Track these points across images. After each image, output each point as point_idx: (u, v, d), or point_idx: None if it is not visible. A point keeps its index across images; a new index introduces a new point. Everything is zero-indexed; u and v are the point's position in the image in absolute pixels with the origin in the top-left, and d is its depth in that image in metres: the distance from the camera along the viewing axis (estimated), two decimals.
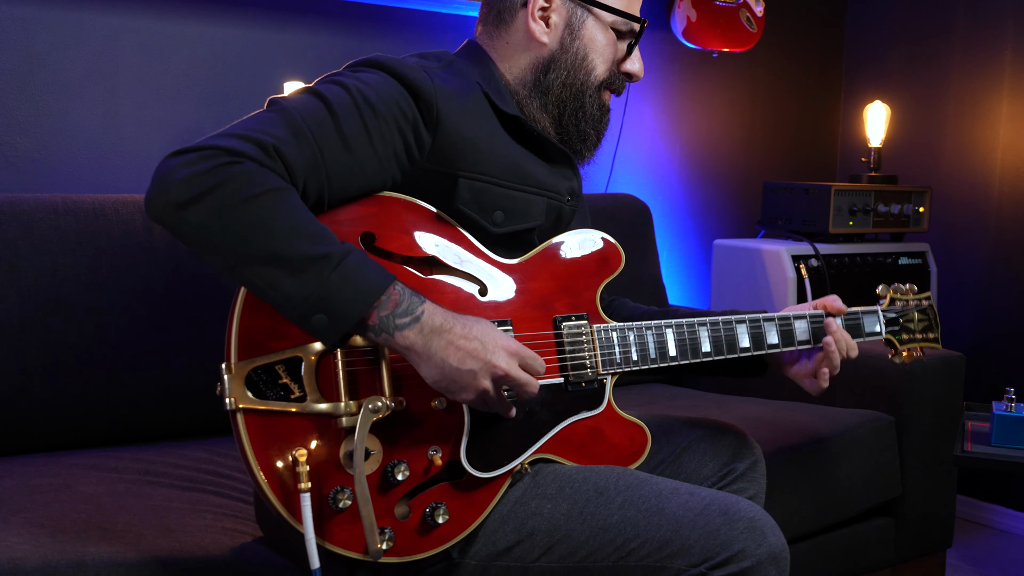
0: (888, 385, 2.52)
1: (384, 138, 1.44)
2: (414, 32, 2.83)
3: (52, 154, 2.35)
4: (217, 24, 2.53)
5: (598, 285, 1.64)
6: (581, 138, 1.67)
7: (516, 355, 1.39)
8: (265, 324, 1.36)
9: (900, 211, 3.31)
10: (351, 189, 1.43)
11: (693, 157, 3.52)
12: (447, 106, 1.49)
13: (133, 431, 2.10)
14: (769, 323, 1.73)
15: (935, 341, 1.90)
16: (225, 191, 1.26)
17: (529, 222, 1.58)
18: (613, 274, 1.65)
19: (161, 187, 1.27)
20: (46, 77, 2.32)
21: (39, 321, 1.99)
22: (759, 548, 1.42)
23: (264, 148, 1.32)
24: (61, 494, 1.72)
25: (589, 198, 2.87)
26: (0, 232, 1.98)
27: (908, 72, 3.68)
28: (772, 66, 3.70)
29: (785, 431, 2.33)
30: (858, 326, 1.81)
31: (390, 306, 1.32)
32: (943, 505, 2.65)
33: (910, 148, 3.66)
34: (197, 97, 2.51)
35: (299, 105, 1.40)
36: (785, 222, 3.28)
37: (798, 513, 2.29)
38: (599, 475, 1.54)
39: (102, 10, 2.37)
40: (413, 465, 1.43)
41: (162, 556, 1.50)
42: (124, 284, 2.07)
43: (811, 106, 3.85)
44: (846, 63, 3.90)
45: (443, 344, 1.34)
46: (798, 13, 3.75)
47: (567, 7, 1.62)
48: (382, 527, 1.40)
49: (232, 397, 1.34)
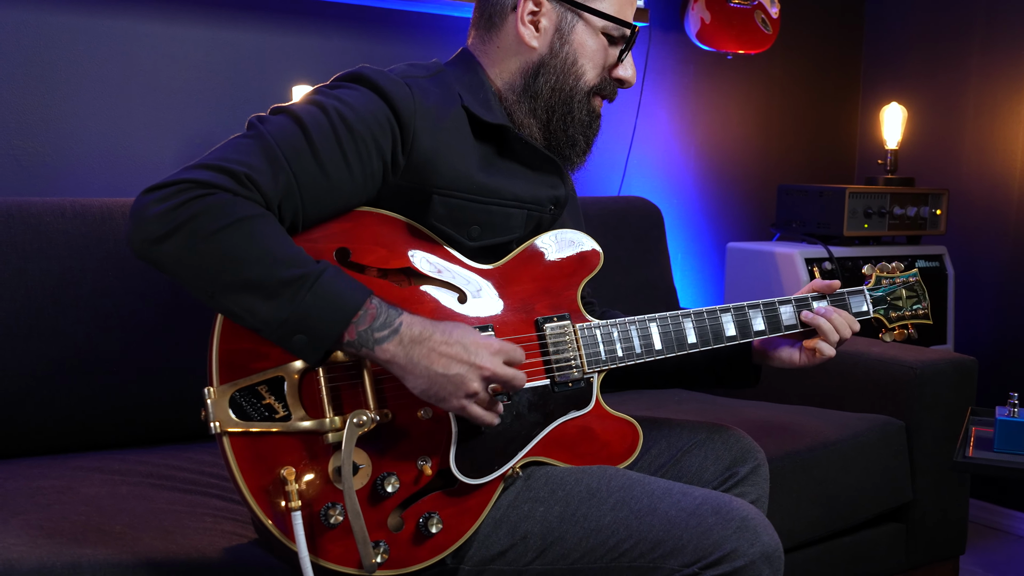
0: (899, 389, 2.49)
1: (360, 159, 1.45)
2: (425, 36, 2.84)
3: (64, 158, 2.38)
4: (228, 28, 2.55)
5: (578, 284, 1.63)
6: (570, 144, 1.66)
7: (499, 352, 1.39)
8: (245, 346, 1.38)
9: (916, 214, 3.28)
10: (326, 210, 1.44)
11: (708, 159, 3.51)
12: (424, 123, 1.49)
13: (139, 434, 2.12)
14: (754, 310, 1.72)
15: (925, 316, 1.88)
16: (197, 223, 1.29)
17: (507, 235, 1.59)
18: (592, 272, 1.65)
19: (137, 224, 1.31)
20: (58, 81, 2.35)
21: (46, 324, 2.01)
22: (752, 547, 1.42)
23: (237, 178, 1.34)
24: (63, 496, 1.74)
25: (599, 201, 2.87)
26: (9, 235, 2.00)
27: (927, 73, 3.65)
28: (789, 68, 3.68)
29: (793, 435, 2.31)
30: (844, 306, 1.80)
31: (368, 320, 1.33)
32: (956, 510, 2.62)
33: (928, 150, 3.64)
34: (208, 101, 2.53)
35: (275, 130, 1.41)
36: (800, 225, 3.27)
37: (805, 518, 2.28)
38: (591, 476, 1.54)
39: (114, 15, 2.40)
40: (403, 476, 1.43)
41: (157, 558, 1.51)
42: (131, 287, 2.09)
43: (829, 108, 3.82)
44: (865, 64, 3.87)
45: (424, 352, 1.35)
46: (815, 15, 3.73)
47: (557, 11, 1.61)
48: (376, 540, 1.41)
49: (217, 421, 1.36)
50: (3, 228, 2.00)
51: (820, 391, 2.62)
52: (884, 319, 1.85)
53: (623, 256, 2.80)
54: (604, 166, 3.23)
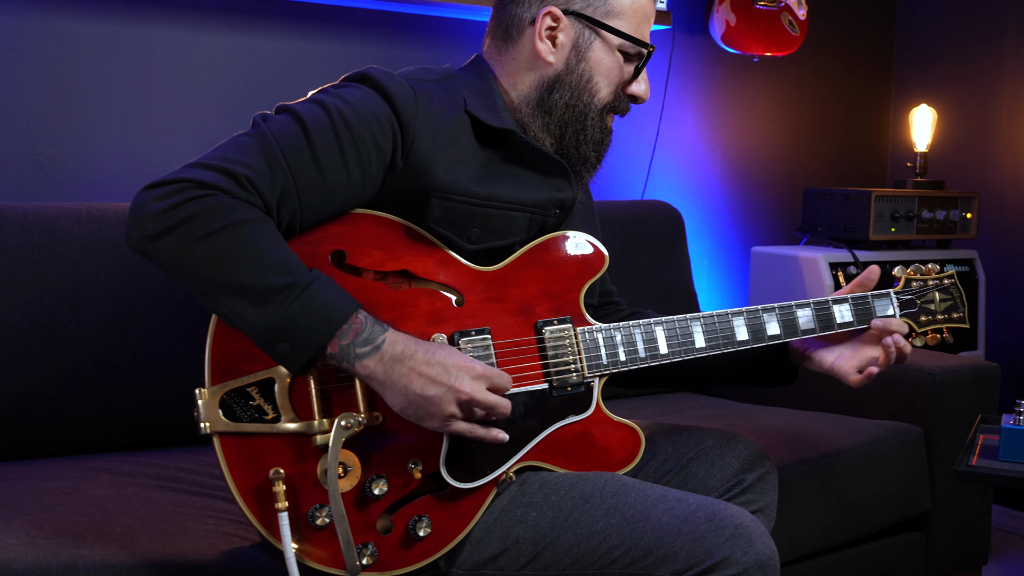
0: (918, 396, 2.46)
1: (360, 160, 1.46)
2: (446, 41, 2.85)
3: (85, 163, 2.41)
4: (248, 34, 2.57)
5: (581, 287, 1.62)
6: (581, 160, 1.65)
7: (481, 377, 1.40)
8: (238, 348, 1.39)
9: (946, 217, 3.23)
10: (324, 211, 1.45)
11: (735, 163, 3.48)
12: (424, 126, 1.50)
13: (152, 436, 2.14)
14: (769, 313, 1.69)
15: (961, 321, 1.80)
16: (193, 224, 1.31)
17: (508, 238, 1.58)
18: (596, 275, 1.63)
19: (136, 220, 1.33)
20: (79, 87, 2.38)
21: (60, 327, 2.04)
22: (745, 555, 1.41)
23: (237, 179, 1.35)
24: (70, 497, 1.76)
25: (619, 205, 2.85)
26: (25, 239, 2.04)
27: (960, 75, 3.59)
28: (818, 70, 3.64)
29: (809, 442, 2.28)
30: (868, 310, 1.73)
31: (351, 335, 1.35)
32: (978, 520, 2.58)
33: (960, 153, 3.58)
34: (227, 107, 2.55)
35: (277, 128, 1.42)
36: (825, 229, 3.23)
37: (819, 526, 2.25)
38: (585, 482, 1.53)
39: (135, 22, 2.43)
40: (392, 479, 1.44)
41: (154, 559, 1.52)
42: (144, 291, 2.11)
43: (860, 110, 3.78)
44: (896, 67, 3.82)
45: (404, 371, 1.36)
46: (846, 16, 3.69)
47: (575, 28, 1.61)
48: (364, 542, 1.41)
49: (207, 421, 1.37)
50: (19, 232, 2.03)
51: (838, 397, 2.59)
52: (912, 323, 1.78)
53: (642, 260, 2.78)
54: (627, 170, 3.21)
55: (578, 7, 1.61)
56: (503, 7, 1.66)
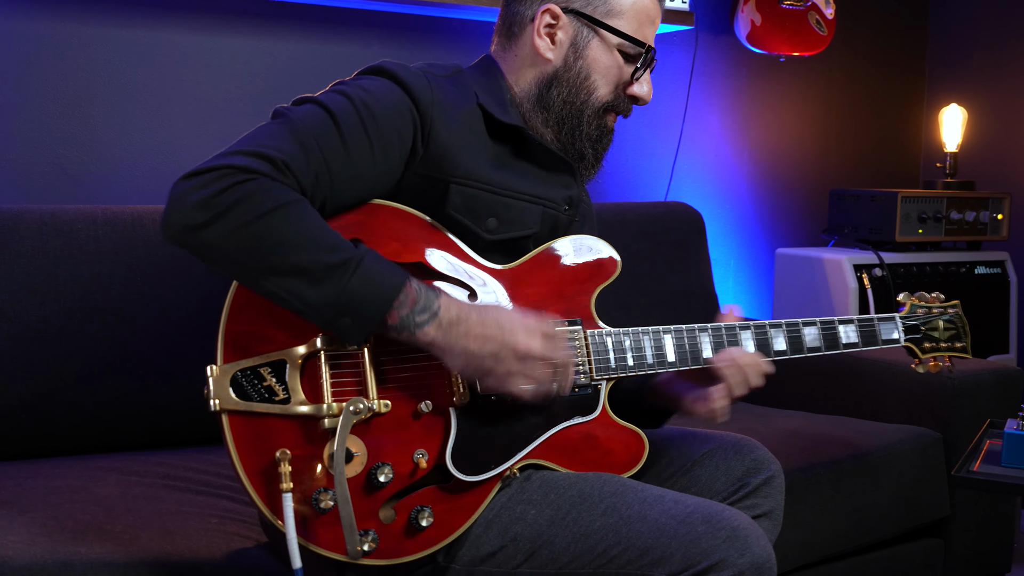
0: (936, 401, 2.42)
1: (384, 148, 1.48)
2: (466, 43, 2.85)
3: (107, 167, 2.45)
4: (269, 38, 2.60)
5: (593, 291, 1.62)
6: (578, 156, 1.66)
7: (537, 331, 1.43)
8: (252, 328, 1.40)
9: (976, 218, 3.19)
10: (352, 197, 1.47)
11: (761, 163, 3.45)
12: (440, 115, 1.52)
13: (164, 436, 2.16)
14: (776, 329, 1.69)
15: (963, 351, 1.83)
16: (241, 209, 1.31)
17: (524, 230, 1.59)
18: (608, 280, 1.64)
19: (177, 210, 1.33)
20: (101, 92, 2.42)
21: (75, 328, 2.07)
22: (741, 558, 1.40)
23: (275, 163, 1.36)
24: (76, 495, 1.78)
25: (639, 207, 2.84)
26: (41, 242, 2.07)
27: (992, 75, 3.54)
28: (848, 69, 3.60)
29: (822, 445, 2.26)
30: (873, 333, 1.75)
31: (409, 304, 1.37)
32: (1001, 526, 2.54)
33: (992, 153, 3.52)
34: (248, 110, 2.58)
35: (304, 116, 1.44)
36: (852, 230, 3.20)
37: (831, 530, 2.23)
38: (585, 481, 1.53)
39: (155, 26, 2.46)
40: (398, 468, 1.44)
41: (152, 558, 1.54)
42: (158, 293, 2.14)
43: (891, 111, 3.73)
44: (928, 67, 3.77)
45: (462, 333, 1.40)
46: (877, 15, 3.64)
47: (574, 26, 1.63)
48: (366, 529, 1.42)
49: (216, 399, 1.38)
50: (36, 235, 2.06)
51: (855, 401, 2.56)
52: (916, 348, 1.81)
53: (660, 262, 2.77)
54: (650, 171, 3.20)
55: (577, 5, 1.62)
56: (508, 5, 1.69)
